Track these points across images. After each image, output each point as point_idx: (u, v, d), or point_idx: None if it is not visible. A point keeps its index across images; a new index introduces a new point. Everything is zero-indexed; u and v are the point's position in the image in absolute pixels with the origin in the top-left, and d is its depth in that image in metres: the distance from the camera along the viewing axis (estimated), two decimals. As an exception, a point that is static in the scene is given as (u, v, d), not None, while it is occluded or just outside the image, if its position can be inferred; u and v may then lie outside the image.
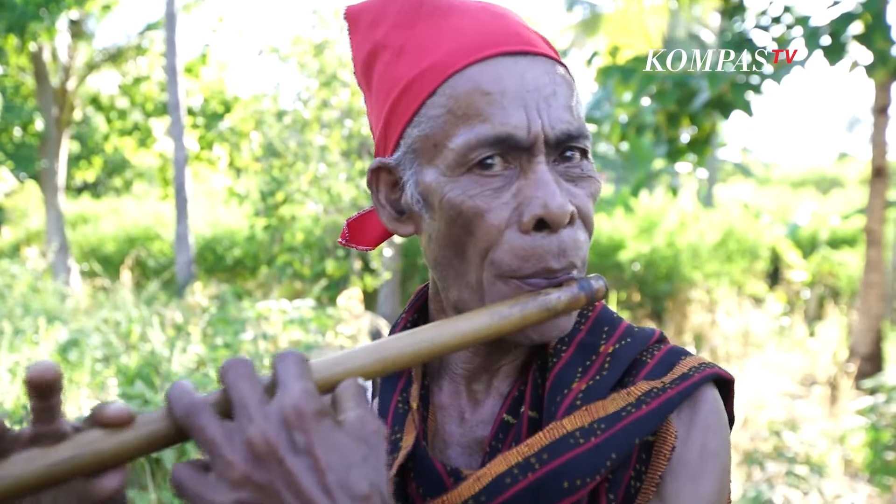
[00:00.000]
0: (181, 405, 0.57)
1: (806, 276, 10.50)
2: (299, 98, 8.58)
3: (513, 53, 0.75)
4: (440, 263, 0.79)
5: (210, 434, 0.56)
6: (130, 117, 13.64)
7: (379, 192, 0.83)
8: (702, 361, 0.82)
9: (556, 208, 0.71)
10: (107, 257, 13.04)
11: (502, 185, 0.73)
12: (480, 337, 0.71)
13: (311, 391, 0.57)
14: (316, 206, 8.10)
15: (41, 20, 10.32)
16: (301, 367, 0.59)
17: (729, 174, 27.56)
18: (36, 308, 7.17)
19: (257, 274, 11.28)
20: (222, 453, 0.55)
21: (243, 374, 0.58)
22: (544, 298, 0.72)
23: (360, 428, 0.58)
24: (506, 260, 0.73)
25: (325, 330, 5.47)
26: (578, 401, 0.78)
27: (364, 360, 0.66)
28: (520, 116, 0.72)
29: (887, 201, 7.05)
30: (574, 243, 0.74)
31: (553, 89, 0.75)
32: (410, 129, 0.77)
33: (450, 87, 0.74)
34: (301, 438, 0.55)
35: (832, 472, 4.80)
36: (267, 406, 0.56)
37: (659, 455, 0.77)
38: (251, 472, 0.54)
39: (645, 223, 10.62)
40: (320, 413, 0.56)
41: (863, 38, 5.00)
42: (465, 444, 0.83)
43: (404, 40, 0.79)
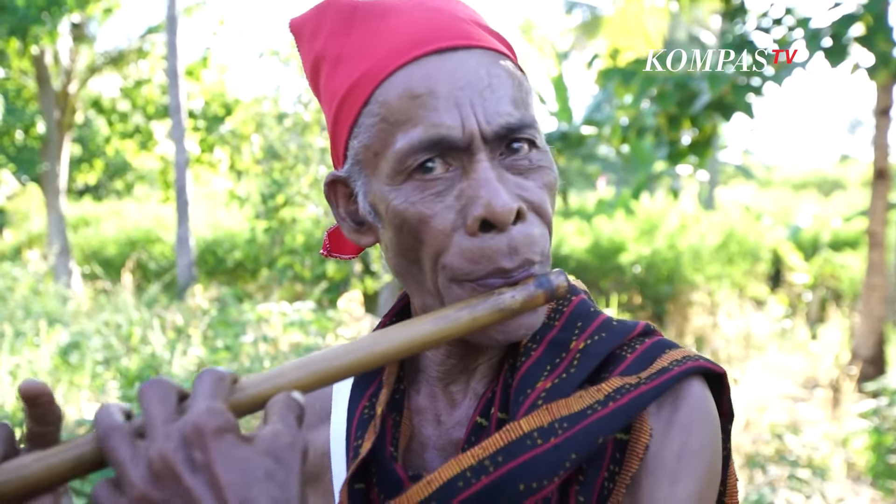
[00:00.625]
0: (101, 427, 0.57)
1: (808, 278, 10.49)
2: (300, 101, 8.59)
3: (444, 50, 0.73)
4: (399, 272, 0.78)
5: (118, 455, 0.56)
6: (132, 120, 13.67)
7: (338, 206, 0.82)
8: (686, 354, 0.78)
9: (499, 207, 0.69)
10: (108, 260, 13.04)
11: (444, 189, 0.72)
12: (427, 343, 0.69)
13: (216, 409, 0.56)
14: (316, 208, 8.11)
15: (43, 23, 10.34)
16: (215, 385, 0.58)
17: (730, 176, 27.55)
18: (37, 311, 7.17)
19: (258, 276, 11.28)
20: (125, 473, 0.55)
21: (156, 394, 0.58)
22: (496, 299, 0.70)
23: (271, 442, 0.56)
24: (456, 264, 0.72)
25: (325, 332, 5.47)
26: (540, 400, 0.75)
27: (297, 374, 0.64)
28: (452, 116, 0.70)
29: (889, 203, 7.04)
30: (527, 239, 0.72)
31: (489, 82, 0.72)
32: (352, 140, 0.76)
33: (382, 94, 0.73)
34: (199, 456, 0.54)
35: (834, 475, 4.79)
36: (171, 425, 0.56)
37: (632, 455, 0.74)
38: (150, 491, 0.54)
39: (646, 225, 10.62)
40: (221, 430, 0.55)
41: (864, 40, 4.99)
42: (441, 446, 0.81)
43: (340, 49, 0.77)
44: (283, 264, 8.54)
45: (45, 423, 0.61)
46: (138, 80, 13.27)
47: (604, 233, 10.39)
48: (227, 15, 30.26)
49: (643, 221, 10.70)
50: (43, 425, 0.61)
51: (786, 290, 10.54)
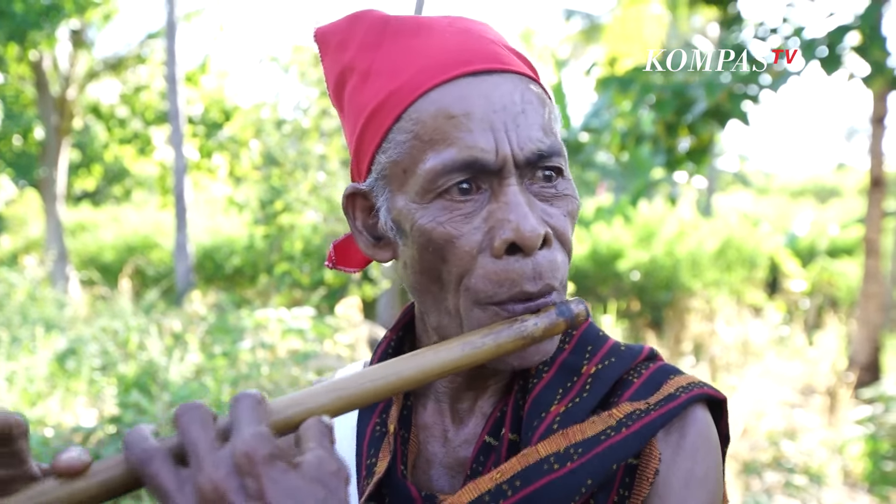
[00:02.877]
0: (135, 452, 0.56)
1: (805, 285, 10.50)
2: (299, 107, 8.60)
3: (479, 73, 0.73)
4: (417, 290, 0.78)
5: (161, 482, 0.54)
6: (130, 126, 13.68)
7: (356, 219, 0.81)
8: (691, 381, 0.79)
9: (527, 231, 0.70)
10: (106, 266, 13.03)
11: (473, 210, 0.72)
12: (453, 369, 0.69)
13: (264, 434, 0.56)
14: (315, 214, 8.11)
15: (41, 29, 10.35)
16: (256, 410, 0.58)
17: (728, 183, 27.59)
18: (34, 316, 7.17)
19: (256, 282, 11.28)
20: (173, 501, 0.54)
21: (196, 418, 0.57)
22: (520, 326, 0.71)
23: (317, 469, 0.56)
24: (480, 286, 0.72)
25: (323, 339, 5.47)
26: (556, 424, 0.75)
27: (325, 399, 0.64)
28: (487, 139, 0.70)
29: (885, 211, 7.06)
30: (550, 265, 0.72)
31: (522, 108, 0.73)
32: (379, 155, 0.75)
33: (415, 112, 0.72)
34: (252, 484, 0.53)
35: (831, 482, 4.79)
36: (218, 452, 0.55)
37: (642, 479, 0.75)
38: None
39: (644, 232, 10.63)
40: (272, 457, 0.55)
41: (860, 50, 5.02)
42: (447, 464, 0.81)
43: (370, 63, 0.77)
44: (281, 270, 8.54)
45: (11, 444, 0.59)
46: (137, 85, 13.29)
47: (602, 239, 10.40)
48: (226, 21, 30.30)
49: (641, 228, 10.72)
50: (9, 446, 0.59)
51: (783, 297, 10.55)
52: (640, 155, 9.98)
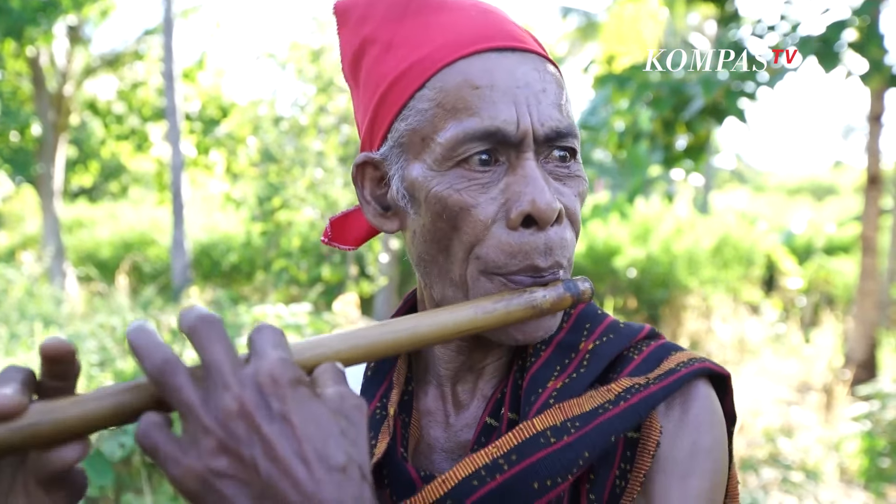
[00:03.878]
0: (154, 361, 0.54)
1: (801, 283, 10.53)
2: (296, 104, 8.59)
3: (503, 49, 0.74)
4: (424, 260, 0.78)
5: (186, 396, 0.53)
6: (127, 122, 13.66)
7: (364, 188, 0.82)
8: (692, 356, 0.79)
9: (544, 205, 0.70)
10: (103, 262, 13.01)
11: (490, 181, 0.73)
12: (462, 330, 0.69)
13: (288, 360, 0.55)
14: (313, 211, 8.11)
15: (38, 25, 10.33)
16: (278, 338, 0.57)
17: (725, 181, 27.63)
18: (32, 312, 7.16)
19: (253, 279, 11.27)
20: (199, 417, 0.53)
21: (216, 335, 0.55)
22: (530, 296, 0.72)
23: (339, 402, 0.56)
24: (491, 255, 0.72)
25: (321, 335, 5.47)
26: (552, 399, 0.76)
27: (341, 345, 0.64)
28: (509, 111, 0.71)
29: (882, 209, 7.07)
30: (561, 242, 0.73)
31: (543, 86, 0.74)
32: (398, 122, 0.76)
33: (439, 81, 0.73)
34: (277, 405, 0.53)
35: (827, 478, 4.81)
36: (242, 371, 0.54)
37: (643, 452, 0.75)
38: (226, 438, 0.52)
39: (641, 229, 10.64)
40: (296, 381, 0.55)
41: (857, 47, 5.02)
42: (449, 448, 0.82)
43: (393, 35, 0.78)
44: (278, 267, 8.54)
45: (63, 378, 0.59)
46: (134, 82, 13.27)
47: (599, 237, 10.41)
48: (223, 18, 30.26)
49: (638, 226, 10.73)
50: (60, 380, 0.59)
51: (780, 295, 10.58)
52: (637, 152, 9.99)
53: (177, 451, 0.53)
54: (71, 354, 0.58)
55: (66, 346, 0.57)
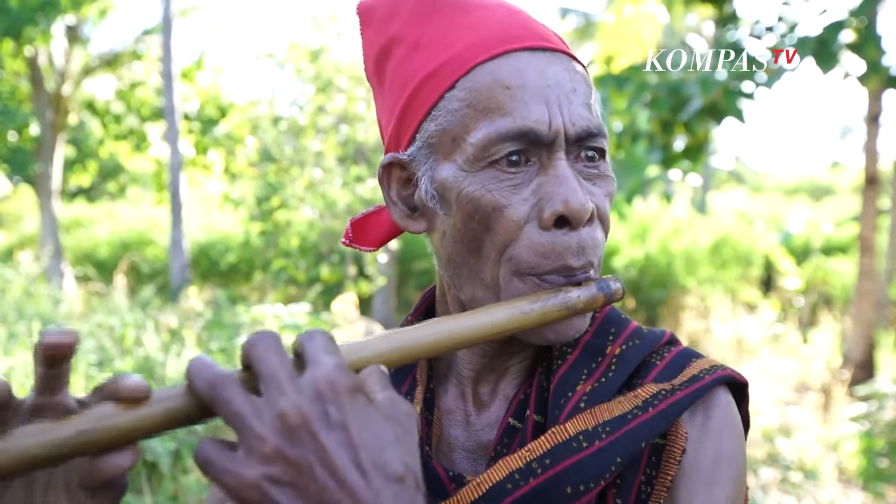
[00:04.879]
0: (204, 378, 0.55)
1: (799, 283, 10.54)
2: (295, 103, 8.59)
3: (532, 49, 0.74)
4: (454, 261, 0.77)
5: (237, 407, 0.53)
6: (126, 122, 13.65)
7: (391, 189, 0.81)
8: (714, 364, 0.80)
9: (577, 205, 0.70)
10: (101, 262, 13.00)
11: (522, 181, 0.72)
12: (500, 331, 0.69)
13: (343, 366, 0.55)
14: (311, 211, 8.11)
15: (37, 24, 10.32)
16: (330, 344, 0.57)
17: (723, 181, 27.66)
18: (30, 312, 7.15)
19: (252, 279, 11.27)
20: (251, 426, 0.52)
21: (272, 347, 0.56)
22: (564, 296, 0.71)
23: (391, 408, 0.56)
24: (525, 256, 0.72)
25: (320, 335, 5.46)
26: (583, 403, 0.76)
27: (383, 348, 0.63)
28: (541, 111, 0.71)
29: (880, 209, 7.08)
30: (593, 242, 0.73)
31: (573, 86, 0.74)
32: (427, 123, 0.75)
33: (470, 81, 0.73)
34: (335, 413, 0.53)
35: (826, 478, 4.82)
36: (299, 379, 0.54)
37: (669, 458, 0.75)
38: (282, 445, 0.52)
39: (639, 229, 10.65)
40: (354, 389, 0.54)
41: (855, 48, 5.03)
42: (469, 448, 0.81)
43: (420, 35, 0.77)
44: (277, 267, 8.53)
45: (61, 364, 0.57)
46: (133, 82, 13.26)
47: (597, 237, 10.39)
48: (222, 18, 30.27)
49: (636, 226, 10.74)
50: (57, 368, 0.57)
51: (778, 295, 10.59)
52: (635, 153, 9.98)
53: (230, 462, 0.52)
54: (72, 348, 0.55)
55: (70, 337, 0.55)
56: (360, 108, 8.04)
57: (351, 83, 8.15)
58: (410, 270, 10.19)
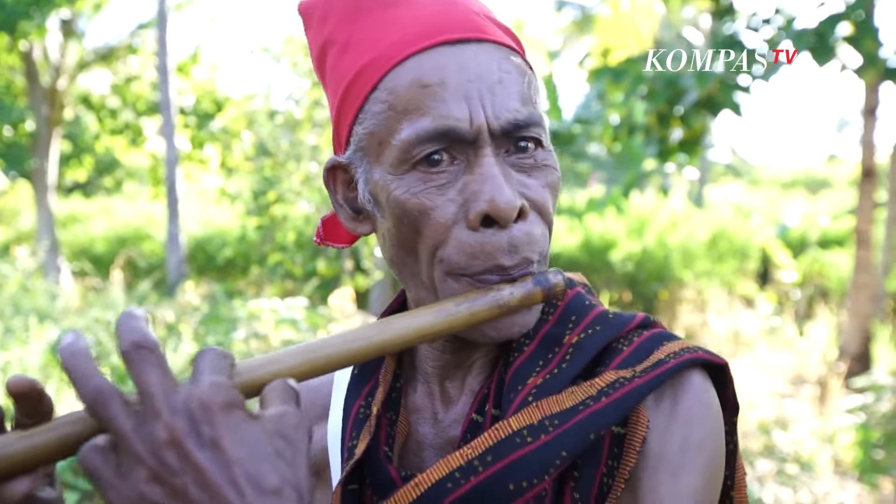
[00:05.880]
0: (88, 390, 0.54)
1: (796, 276, 10.55)
2: (291, 97, 8.58)
3: (455, 42, 0.72)
4: (395, 263, 0.77)
5: (119, 426, 0.53)
6: (121, 117, 13.61)
7: (336, 192, 0.80)
8: (685, 346, 0.76)
9: (503, 203, 0.68)
10: (97, 257, 12.99)
11: (448, 181, 0.70)
12: (425, 335, 0.68)
13: (221, 384, 0.55)
14: (308, 205, 8.10)
15: (31, 19, 10.27)
16: (217, 361, 0.57)
17: (719, 175, 27.67)
18: (26, 307, 7.15)
19: (249, 273, 11.26)
20: (131, 446, 0.53)
21: (150, 360, 0.54)
22: (495, 295, 0.69)
23: (278, 422, 0.55)
24: (454, 258, 0.71)
25: (316, 329, 5.47)
26: (531, 397, 0.73)
27: (295, 361, 0.62)
28: (461, 108, 0.69)
29: (876, 202, 7.09)
30: (527, 237, 0.71)
31: (499, 77, 0.71)
32: (356, 126, 0.74)
33: (391, 81, 0.71)
34: (207, 431, 0.53)
35: (822, 470, 4.83)
36: (174, 397, 0.54)
37: (629, 448, 0.72)
38: (157, 467, 0.52)
39: (636, 223, 10.65)
40: (228, 405, 0.54)
41: (852, 40, 5.03)
42: (438, 445, 0.79)
43: (350, 34, 0.75)
44: (273, 261, 8.54)
45: (36, 416, 0.59)
46: (128, 76, 13.22)
47: (594, 230, 10.43)
48: (217, 12, 30.20)
49: (633, 219, 10.74)
50: (33, 418, 0.59)
51: (774, 288, 10.61)
52: (632, 146, 10.00)
53: (114, 478, 0.53)
54: (36, 392, 0.58)
55: (30, 382, 0.58)
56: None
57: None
58: (407, 264, 10.18)
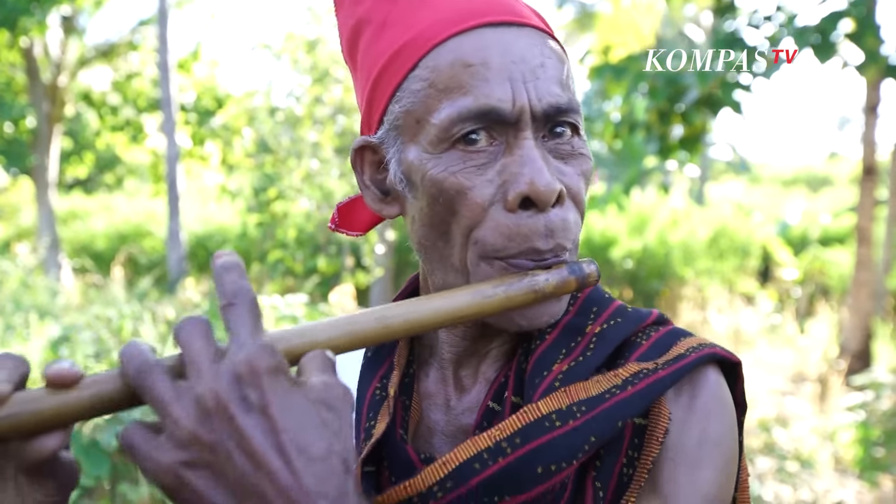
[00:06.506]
0: (132, 365, 0.54)
1: (797, 273, 10.55)
2: (292, 94, 8.57)
3: (498, 24, 0.72)
4: (424, 245, 0.76)
5: (158, 393, 0.53)
6: (122, 113, 13.61)
7: (363, 173, 0.79)
8: (702, 342, 0.77)
9: (542, 186, 0.68)
10: (98, 254, 13.00)
11: (487, 162, 0.70)
12: (460, 316, 0.67)
13: (267, 346, 0.54)
14: (308, 202, 8.10)
15: (32, 15, 10.27)
16: (256, 323, 0.55)
17: (721, 172, 27.65)
18: (27, 304, 7.15)
19: (249, 270, 11.25)
20: (169, 411, 0.52)
21: (197, 332, 0.55)
22: (531, 280, 0.69)
23: (322, 391, 0.54)
24: (490, 239, 0.70)
25: (317, 326, 5.46)
26: (557, 382, 0.73)
27: (331, 333, 0.61)
28: (504, 89, 0.69)
29: (877, 200, 7.09)
30: (563, 224, 0.71)
31: (541, 61, 0.71)
32: (393, 105, 0.74)
33: (432, 60, 0.71)
34: (254, 396, 0.52)
35: (822, 468, 4.84)
36: (219, 363, 0.53)
37: (651, 439, 0.72)
38: (199, 430, 0.51)
39: (637, 221, 10.65)
40: (276, 370, 0.53)
41: (853, 38, 5.02)
42: (449, 432, 0.79)
43: (387, 14, 0.75)
44: (274, 258, 8.53)
45: None
46: (129, 73, 13.22)
47: (595, 227, 10.42)
48: (218, 8, 30.17)
49: (634, 217, 10.74)
50: None
51: (775, 286, 10.60)
52: (633, 143, 9.99)
53: (151, 448, 0.52)
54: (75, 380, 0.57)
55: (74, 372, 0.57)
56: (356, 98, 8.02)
57: (347, 74, 8.13)
58: (408, 261, 10.19)
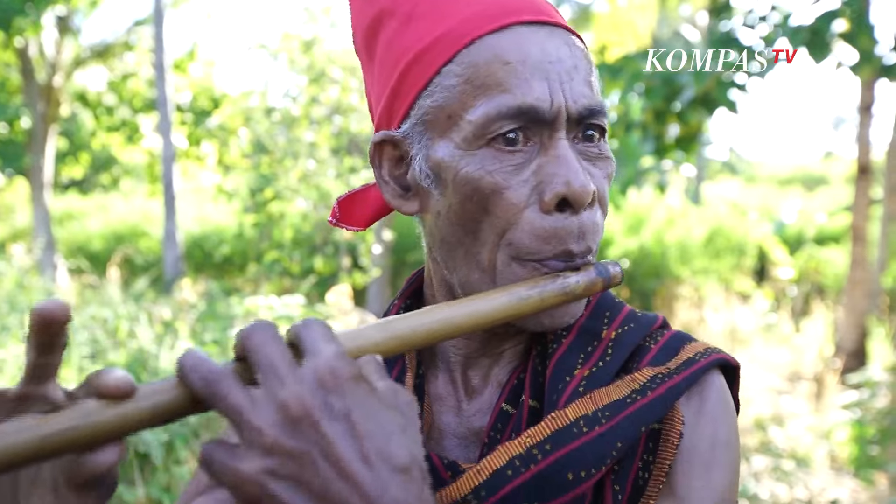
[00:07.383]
0: (199, 373, 0.53)
1: (792, 272, 10.57)
2: (288, 94, 8.57)
3: (532, 23, 0.71)
4: (448, 242, 0.75)
5: (234, 401, 0.51)
6: (118, 114, 13.59)
7: (382, 168, 0.78)
8: (707, 347, 0.78)
9: (579, 187, 0.68)
10: (94, 254, 12.97)
11: (522, 162, 0.69)
12: (497, 318, 0.67)
13: (344, 355, 0.53)
14: (305, 202, 8.09)
15: (27, 15, 10.24)
16: (329, 332, 0.55)
17: (716, 172, 27.69)
18: (23, 305, 7.13)
19: (246, 271, 11.25)
20: (249, 419, 0.50)
21: (269, 336, 0.53)
22: (563, 282, 0.69)
23: (393, 397, 0.54)
24: (525, 241, 0.70)
25: (314, 326, 5.46)
26: (581, 388, 0.74)
27: (379, 337, 0.61)
28: (543, 88, 0.68)
29: (872, 199, 7.11)
30: (593, 226, 0.71)
31: (574, 63, 0.71)
32: (422, 99, 0.72)
33: (467, 56, 0.70)
34: (338, 403, 0.51)
35: (818, 466, 4.85)
36: (299, 368, 0.52)
37: (667, 443, 0.73)
38: (282, 438, 0.50)
39: (633, 220, 10.67)
40: (356, 377, 0.52)
41: (847, 37, 5.03)
42: (461, 435, 0.79)
43: (413, 6, 0.74)
44: (270, 259, 8.52)
45: (51, 352, 0.55)
46: (125, 73, 13.20)
47: (591, 227, 10.41)
48: (214, 8, 30.13)
49: (631, 216, 10.75)
50: (47, 355, 0.55)
51: (771, 285, 10.62)
52: (629, 143, 9.99)
53: (230, 459, 0.51)
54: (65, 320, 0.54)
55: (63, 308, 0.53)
56: (353, 98, 8.01)
57: (344, 74, 8.13)
58: (405, 261, 10.19)
